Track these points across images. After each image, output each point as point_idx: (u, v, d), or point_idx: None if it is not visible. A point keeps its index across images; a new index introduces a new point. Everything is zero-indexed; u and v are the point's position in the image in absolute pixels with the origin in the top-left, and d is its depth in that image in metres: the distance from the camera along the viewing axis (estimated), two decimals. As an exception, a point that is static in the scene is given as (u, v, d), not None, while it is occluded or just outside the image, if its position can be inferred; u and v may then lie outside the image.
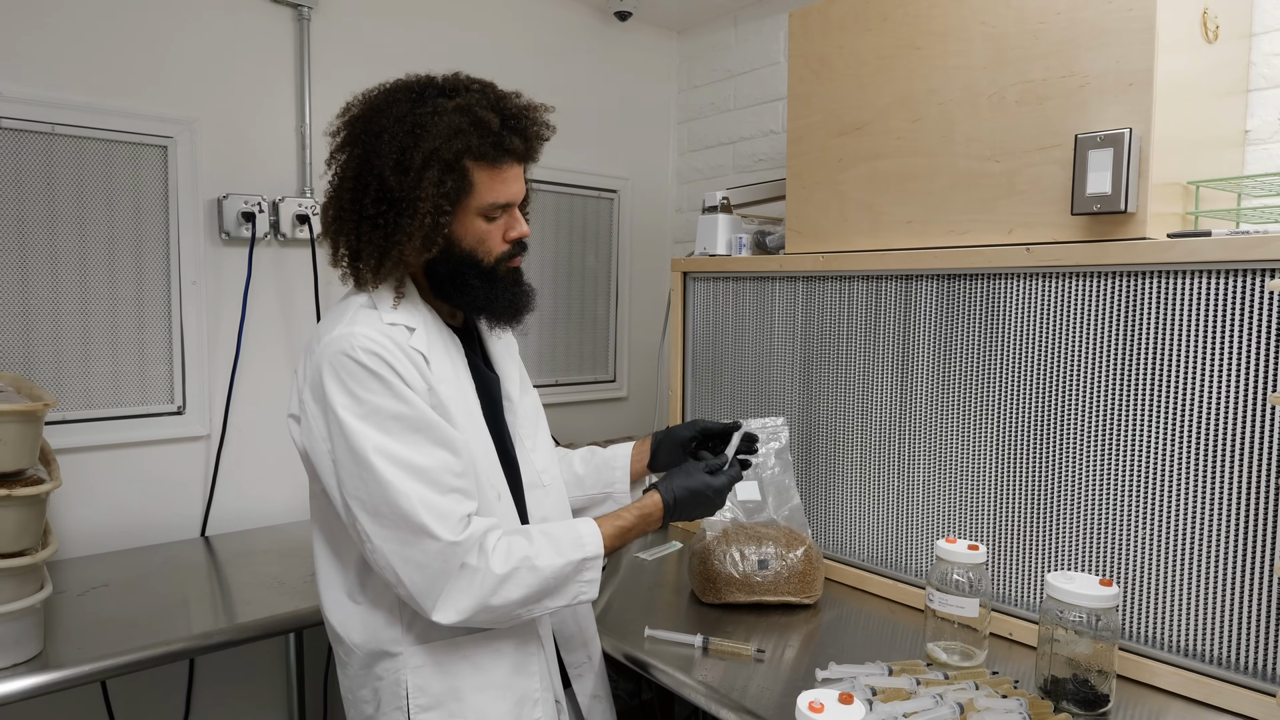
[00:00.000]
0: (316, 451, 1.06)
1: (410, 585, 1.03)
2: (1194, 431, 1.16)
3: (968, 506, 1.44)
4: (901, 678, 1.17)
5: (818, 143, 1.65)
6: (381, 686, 1.12)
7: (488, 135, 1.06)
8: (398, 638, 1.11)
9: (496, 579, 1.04)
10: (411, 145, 1.04)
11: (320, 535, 1.17)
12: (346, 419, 1.02)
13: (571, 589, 1.09)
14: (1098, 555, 1.28)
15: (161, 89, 1.82)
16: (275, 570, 1.70)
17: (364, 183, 1.07)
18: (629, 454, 1.38)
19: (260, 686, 2.04)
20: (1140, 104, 1.20)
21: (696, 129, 2.70)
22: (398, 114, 1.06)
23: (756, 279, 1.77)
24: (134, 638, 1.36)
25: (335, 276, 1.15)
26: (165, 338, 1.86)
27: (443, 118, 1.04)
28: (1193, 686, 1.17)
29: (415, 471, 1.02)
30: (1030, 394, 1.34)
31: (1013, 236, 1.36)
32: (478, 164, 1.07)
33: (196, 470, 1.92)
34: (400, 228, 1.06)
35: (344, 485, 1.04)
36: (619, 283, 2.70)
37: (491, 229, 1.12)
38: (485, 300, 1.14)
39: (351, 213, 1.09)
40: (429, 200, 1.04)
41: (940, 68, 1.43)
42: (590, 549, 1.10)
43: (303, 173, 2.01)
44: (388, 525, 1.02)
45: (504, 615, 1.07)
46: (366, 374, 1.03)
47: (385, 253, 1.08)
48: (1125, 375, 1.23)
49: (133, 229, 1.80)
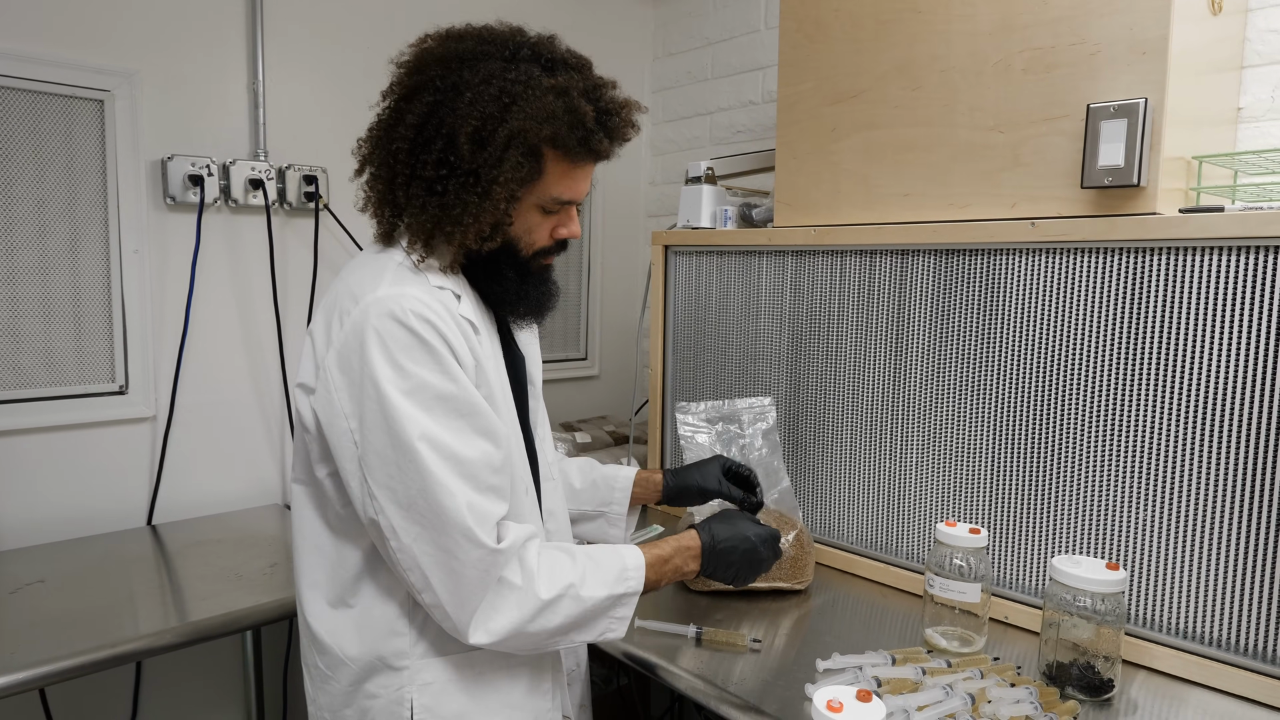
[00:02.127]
0: (335, 429, 0.93)
1: (441, 593, 0.91)
2: (1201, 411, 1.14)
3: (963, 488, 1.41)
4: (906, 667, 1.13)
5: (810, 111, 1.58)
6: (374, 706, 1.00)
7: (578, 129, 0.95)
8: (403, 650, 0.99)
9: (539, 604, 0.93)
10: (497, 117, 0.92)
11: (308, 525, 1.03)
12: (391, 395, 0.90)
13: (601, 624, 1.00)
14: (1098, 538, 1.25)
15: (98, 37, 1.66)
16: (230, 562, 1.59)
17: (427, 138, 0.95)
18: (632, 478, 1.30)
19: (214, 688, 1.92)
20: (1154, 73, 1.16)
21: (672, 99, 2.61)
22: (486, 73, 0.93)
23: (743, 253, 1.70)
24: (75, 639, 1.24)
25: (293, 247, 1.04)
26: (104, 311, 1.71)
27: (538, 96, 0.92)
28: (1194, 669, 1.16)
29: (459, 464, 0.91)
30: (1031, 373, 1.31)
31: (1016, 211, 1.32)
32: (556, 153, 0.96)
33: (141, 454, 1.79)
34: (464, 204, 0.94)
35: (371, 471, 0.91)
36: (591, 257, 2.61)
37: (544, 222, 1.02)
38: (516, 294, 1.04)
39: (405, 165, 0.96)
40: (507, 185, 0.93)
41: (943, 33, 1.37)
42: (632, 584, 1.01)
43: (255, 134, 1.87)
44: (423, 523, 0.90)
45: (534, 644, 0.97)
46: (417, 344, 0.91)
47: (439, 225, 0.96)
48: (1130, 353, 1.20)
49: (65, 191, 1.64)
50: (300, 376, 1.00)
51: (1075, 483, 1.27)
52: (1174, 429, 1.17)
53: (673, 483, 1.32)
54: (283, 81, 1.89)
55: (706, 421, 1.57)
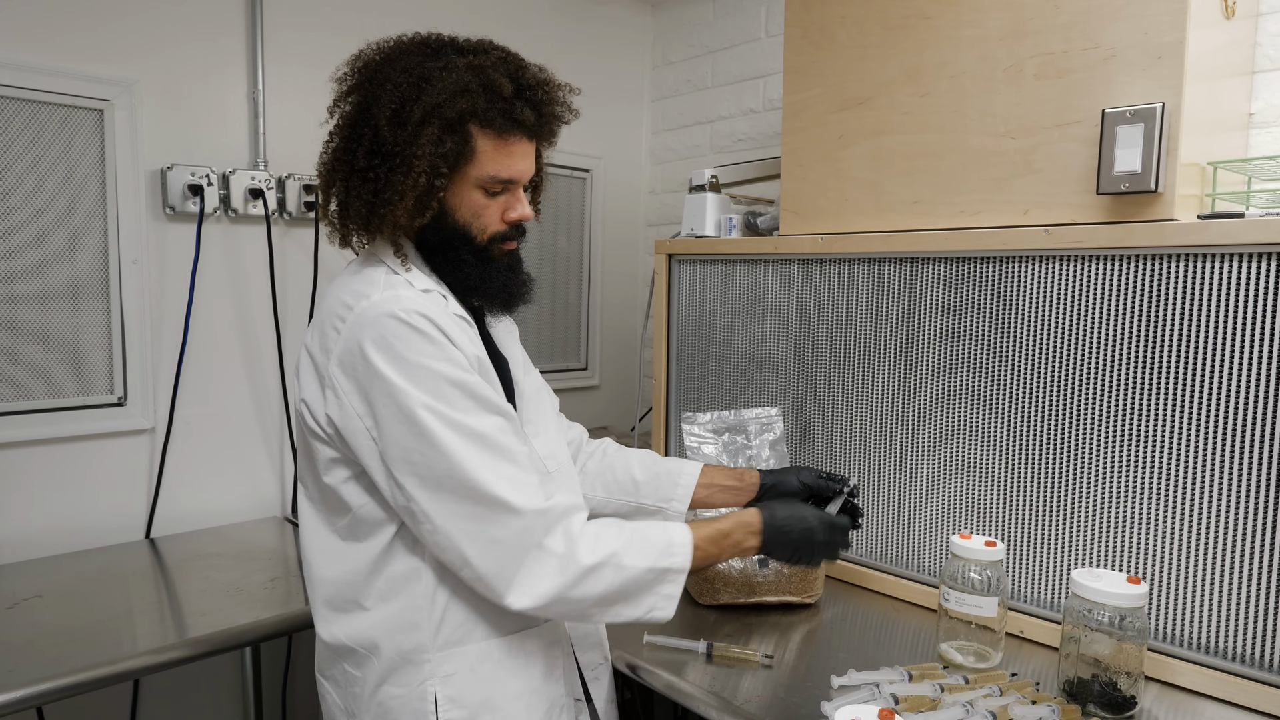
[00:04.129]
0: (352, 430, 0.95)
1: (480, 565, 0.93)
2: (1223, 421, 1.12)
3: (976, 500, 1.38)
4: (924, 684, 1.10)
5: (816, 118, 1.57)
6: (395, 705, 1.00)
7: (496, 100, 0.97)
8: (423, 644, 1.00)
9: (582, 570, 0.94)
10: (413, 98, 0.95)
11: (319, 538, 1.05)
12: (399, 384, 0.93)
13: (647, 600, 0.99)
14: (1116, 550, 1.23)
15: (97, 46, 1.64)
16: (230, 576, 1.56)
17: (359, 133, 0.99)
18: (696, 474, 1.28)
19: (214, 704, 1.89)
20: (1170, 78, 1.14)
21: (671, 107, 2.59)
22: (406, 65, 0.97)
23: (748, 261, 1.68)
24: (73, 656, 1.22)
25: (293, 257, 1.05)
26: (103, 322, 1.69)
27: (451, 74, 0.96)
28: (1218, 686, 1.13)
29: (478, 438, 0.94)
30: (1045, 382, 1.29)
31: (1028, 218, 1.30)
32: (483, 131, 0.98)
33: (140, 467, 1.76)
34: (391, 184, 0.97)
35: (393, 463, 0.94)
36: (591, 267, 2.59)
37: (489, 205, 1.03)
38: (478, 280, 1.05)
39: (343, 164, 1.01)
40: (425, 159, 0.95)
41: (952, 38, 1.36)
42: (678, 559, 1.00)
43: (255, 143, 1.85)
44: (453, 499, 0.93)
45: (579, 612, 0.97)
46: (418, 336, 0.94)
47: (373, 210, 0.99)
48: (1149, 362, 1.18)
49: (64, 201, 1.62)
50: (302, 392, 1.02)
51: (1092, 494, 1.25)
52: (1194, 439, 1.14)
53: (769, 480, 1.29)
54: (282, 91, 1.88)
55: (713, 432, 1.55)
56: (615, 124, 2.59)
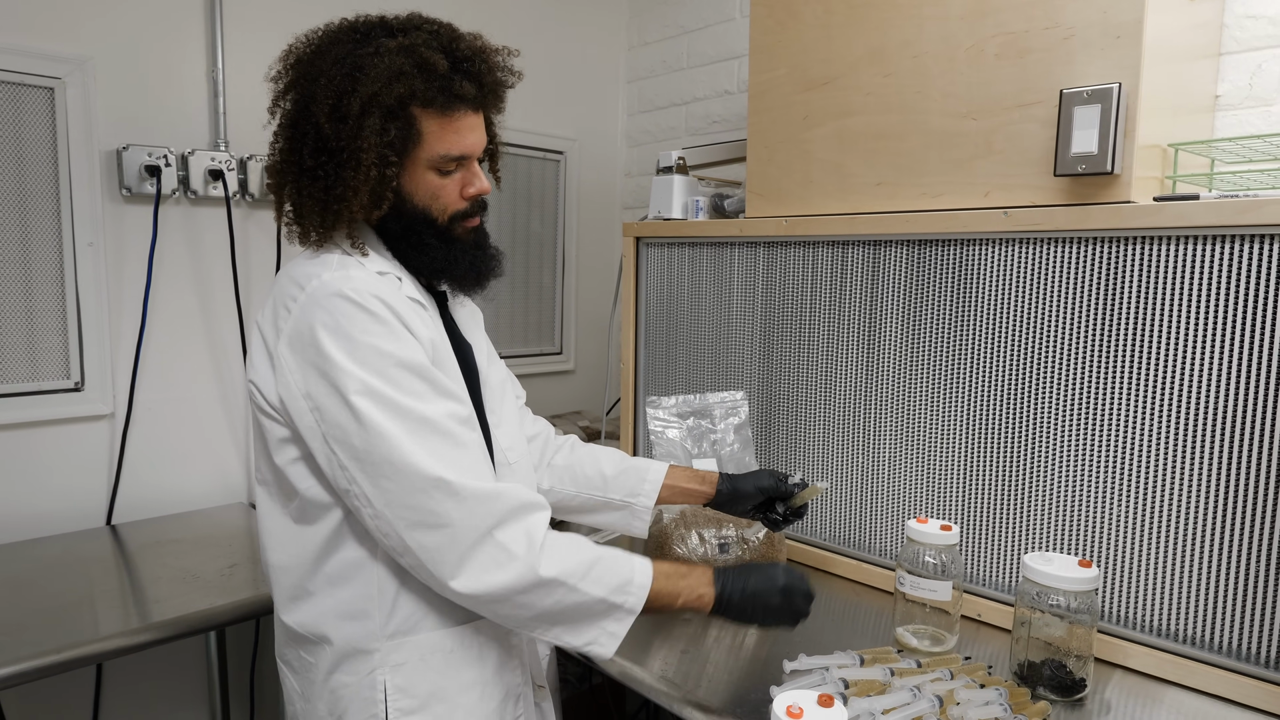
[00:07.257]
0: (297, 409, 0.94)
1: (420, 550, 0.91)
2: (1176, 404, 1.11)
3: (936, 484, 1.38)
4: (874, 668, 1.10)
5: (781, 99, 1.55)
6: (345, 693, 0.99)
7: (434, 79, 0.95)
8: (372, 632, 0.98)
9: (537, 580, 0.91)
10: (349, 90, 0.93)
11: (272, 521, 1.03)
12: (345, 365, 0.91)
13: (589, 632, 0.96)
14: (1071, 533, 1.23)
15: (48, 22, 1.60)
16: (191, 562, 1.55)
17: (301, 131, 0.97)
18: (663, 473, 1.27)
19: (178, 689, 1.88)
20: (1128, 58, 1.13)
21: (647, 89, 2.56)
22: (337, 55, 0.95)
23: (714, 244, 1.67)
24: (32, 642, 1.20)
25: (255, 239, 1.03)
26: (58, 305, 1.66)
27: (384, 59, 0.93)
28: (1167, 667, 1.13)
29: (424, 422, 0.92)
30: (1004, 365, 1.28)
31: (989, 200, 1.29)
32: (426, 111, 0.96)
33: (99, 452, 1.74)
34: (342, 180, 0.95)
35: (336, 444, 0.92)
36: (566, 250, 2.56)
37: (446, 184, 1.01)
38: (445, 262, 1.03)
39: (291, 165, 0.99)
40: (371, 151, 0.93)
41: (915, 18, 1.34)
42: (631, 599, 0.96)
43: (215, 123, 1.81)
44: (392, 483, 0.90)
45: (517, 619, 0.95)
46: (368, 316, 0.92)
47: (327, 208, 0.97)
48: (1105, 345, 1.17)
49: (14, 182, 1.59)
50: (251, 373, 1.00)
51: (1049, 477, 1.25)
52: (1148, 421, 1.14)
53: (726, 487, 1.27)
54: (244, 68, 1.84)
55: (678, 416, 1.54)
56: (590, 105, 2.55)
